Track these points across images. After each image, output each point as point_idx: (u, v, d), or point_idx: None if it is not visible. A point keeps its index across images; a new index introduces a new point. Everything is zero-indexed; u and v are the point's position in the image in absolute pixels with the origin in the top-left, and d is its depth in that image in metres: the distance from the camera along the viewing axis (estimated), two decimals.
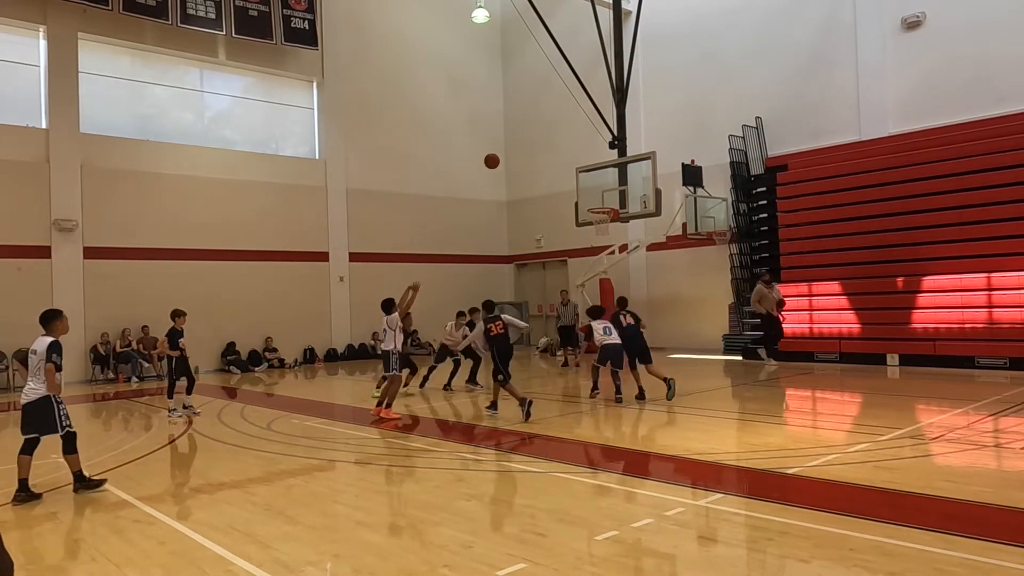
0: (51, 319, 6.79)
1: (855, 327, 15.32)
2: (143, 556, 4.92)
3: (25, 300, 16.31)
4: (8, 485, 6.97)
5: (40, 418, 6.56)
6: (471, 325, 13.07)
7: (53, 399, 6.57)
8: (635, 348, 11.15)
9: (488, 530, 5.20)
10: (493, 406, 10.44)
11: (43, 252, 16.65)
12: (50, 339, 6.65)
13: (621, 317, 11.40)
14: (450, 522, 5.42)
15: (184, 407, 11.20)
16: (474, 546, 4.87)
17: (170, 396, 11.14)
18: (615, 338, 10.93)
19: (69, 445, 6.68)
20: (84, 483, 6.69)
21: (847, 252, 16.24)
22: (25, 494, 6.40)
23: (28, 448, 6.52)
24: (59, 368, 6.56)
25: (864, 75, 17.35)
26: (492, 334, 10.30)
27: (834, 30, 17.82)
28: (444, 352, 13.56)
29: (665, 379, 10.94)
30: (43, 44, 17.17)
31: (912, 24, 16.60)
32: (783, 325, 15.62)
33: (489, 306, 11.33)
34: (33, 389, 6.57)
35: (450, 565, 4.54)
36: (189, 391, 11.29)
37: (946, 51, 16.10)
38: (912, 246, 15.42)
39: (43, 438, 6.63)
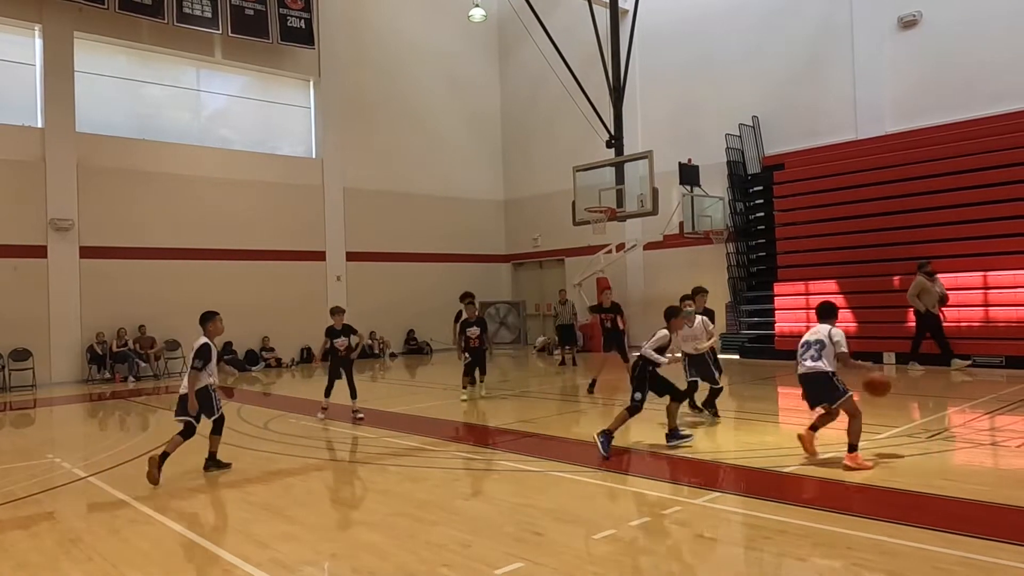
0: (203, 321, 7.23)
1: (852, 326, 15.32)
2: (140, 556, 4.91)
3: (21, 300, 16.32)
4: (7, 484, 6.97)
5: (201, 406, 7.11)
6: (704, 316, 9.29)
7: (209, 389, 7.11)
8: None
9: (486, 529, 5.20)
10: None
11: (39, 252, 16.60)
12: (202, 341, 7.10)
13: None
14: (448, 521, 5.42)
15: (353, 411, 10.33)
16: (472, 545, 4.87)
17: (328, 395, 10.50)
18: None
19: (186, 433, 7.10)
20: (217, 464, 7.35)
21: (844, 251, 16.25)
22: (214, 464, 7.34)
23: (215, 429, 7.33)
24: (196, 368, 6.99)
25: (860, 74, 17.37)
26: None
27: (830, 29, 17.83)
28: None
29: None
30: (39, 43, 17.11)
31: (908, 23, 16.62)
32: (944, 324, 13.60)
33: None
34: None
35: (448, 564, 4.53)
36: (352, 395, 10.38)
37: (942, 50, 16.12)
38: (908, 245, 15.43)
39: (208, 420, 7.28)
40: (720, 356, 17.61)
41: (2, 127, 16.40)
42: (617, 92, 19.50)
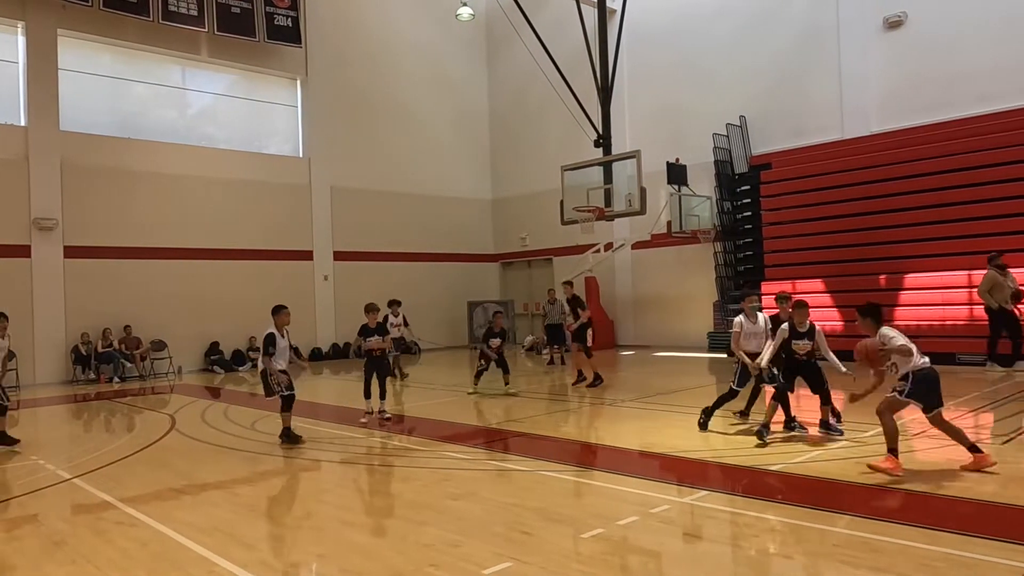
0: (273, 313, 8.52)
1: (838, 325, 15.41)
2: (125, 558, 4.87)
3: (4, 300, 16.08)
4: None
5: (264, 386, 8.50)
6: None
7: (266, 373, 8.40)
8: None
9: (474, 529, 5.19)
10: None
11: (23, 251, 16.42)
12: (268, 331, 8.40)
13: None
14: (436, 521, 5.41)
15: (379, 411, 10.14)
16: (461, 545, 4.86)
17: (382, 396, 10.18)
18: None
19: (285, 405, 8.49)
20: (288, 438, 8.41)
21: (830, 250, 16.33)
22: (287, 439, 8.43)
23: (283, 406, 8.54)
24: (266, 353, 8.33)
25: (847, 74, 17.47)
26: None
27: (817, 29, 17.93)
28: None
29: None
30: (22, 41, 16.92)
31: (894, 24, 16.74)
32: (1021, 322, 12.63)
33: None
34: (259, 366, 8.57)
35: (437, 564, 4.53)
36: (382, 395, 10.19)
37: (927, 50, 16.24)
38: (894, 244, 15.55)
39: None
40: (708, 355, 17.74)
41: None
42: (605, 92, 19.52)
